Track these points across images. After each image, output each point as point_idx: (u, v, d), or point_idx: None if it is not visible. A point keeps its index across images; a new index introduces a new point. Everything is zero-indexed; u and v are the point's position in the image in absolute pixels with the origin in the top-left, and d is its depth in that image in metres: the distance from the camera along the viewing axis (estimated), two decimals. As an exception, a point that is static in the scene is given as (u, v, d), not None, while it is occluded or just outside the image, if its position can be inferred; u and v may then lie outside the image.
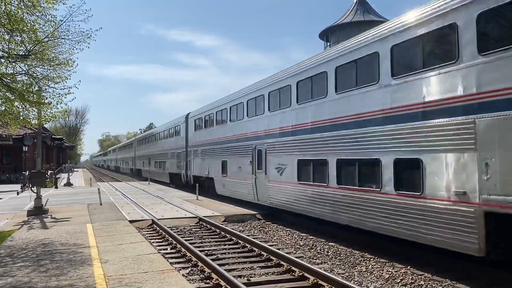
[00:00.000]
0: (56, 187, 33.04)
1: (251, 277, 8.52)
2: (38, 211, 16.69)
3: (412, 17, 9.41)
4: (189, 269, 9.19)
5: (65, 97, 12.26)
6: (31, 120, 13.68)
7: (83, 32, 11.54)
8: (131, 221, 14.79)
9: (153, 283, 7.02)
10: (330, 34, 56.29)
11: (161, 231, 13.77)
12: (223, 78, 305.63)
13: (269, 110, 16.23)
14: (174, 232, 13.22)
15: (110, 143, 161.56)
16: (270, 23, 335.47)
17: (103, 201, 20.44)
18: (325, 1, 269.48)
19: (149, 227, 14.83)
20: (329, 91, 12.33)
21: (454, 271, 8.60)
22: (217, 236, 13.13)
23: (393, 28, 9.92)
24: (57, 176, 39.84)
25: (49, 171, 33.71)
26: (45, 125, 28.61)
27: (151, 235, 13.46)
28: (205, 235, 13.36)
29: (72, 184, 36.11)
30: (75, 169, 66.74)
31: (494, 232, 7.47)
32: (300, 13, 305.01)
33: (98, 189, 22.29)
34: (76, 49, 11.77)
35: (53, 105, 11.60)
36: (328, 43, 56.40)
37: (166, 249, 11.33)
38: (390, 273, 8.79)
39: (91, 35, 11.64)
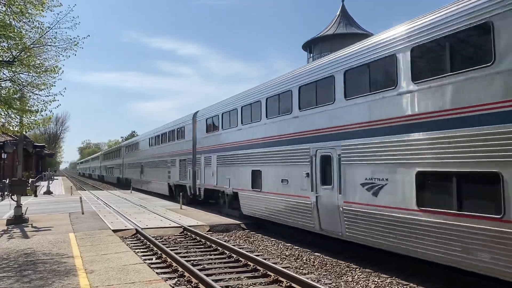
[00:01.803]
0: (36, 196, 32.33)
1: (238, 287, 8.50)
2: (18, 220, 16.32)
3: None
4: (176, 279, 9.12)
5: (50, 104, 12.12)
6: (14, 127, 13.43)
7: (70, 39, 11.43)
8: (114, 231, 14.60)
9: (141, 293, 6.96)
10: (313, 46, 57.02)
11: (145, 240, 13.63)
12: (206, 87, 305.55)
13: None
14: (159, 241, 13.10)
15: (91, 151, 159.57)
16: (253, 34, 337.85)
17: (85, 210, 20.14)
18: (308, 13, 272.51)
19: (133, 236, 14.66)
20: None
21: (438, 281, 8.74)
22: (203, 246, 13.05)
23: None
24: (37, 184, 39.03)
25: (30, 179, 33.07)
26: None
27: (136, 245, 13.30)
28: (190, 245, 13.27)
29: (52, 193, 35.43)
30: (55, 177, 65.46)
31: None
32: (284, 24, 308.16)
33: (80, 197, 21.92)
34: (63, 56, 11.65)
35: (38, 112, 11.43)
36: (312, 55, 57.08)
37: (151, 259, 11.21)
38: (376, 283, 8.88)
39: (78, 43, 11.55)
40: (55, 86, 12.25)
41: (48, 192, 35.13)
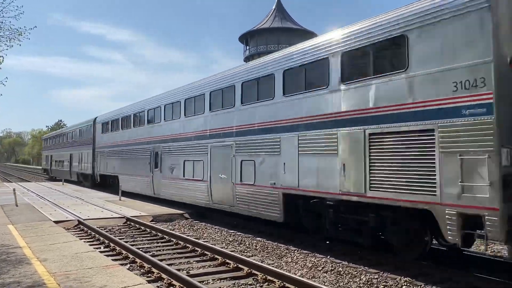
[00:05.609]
0: (-43, 188, 30.41)
1: (189, 270, 9.16)
2: None
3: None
4: (128, 265, 9.55)
5: (-11, 94, 11.84)
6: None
7: (16, 29, 11.20)
8: (56, 222, 14.50)
9: (102, 277, 7.38)
10: (250, 38, 57.99)
11: (89, 231, 13.76)
12: (138, 75, 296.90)
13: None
14: (104, 231, 13.31)
15: (13, 140, 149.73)
16: (189, 21, 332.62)
17: (18, 202, 19.50)
18: (246, 4, 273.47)
19: (76, 227, 14.68)
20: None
21: (367, 259, 9.95)
22: (149, 235, 13.47)
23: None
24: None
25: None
26: None
27: (80, 235, 13.40)
28: (135, 234, 13.63)
29: (-26, 185, 33.43)
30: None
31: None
32: (221, 14, 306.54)
33: (14, 189, 21.16)
34: (6, 45, 11.38)
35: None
36: (248, 47, 58.00)
37: (99, 248, 11.47)
38: (312, 262, 9.94)
39: (22, 33, 11.36)
40: (-6, 75, 11.96)
41: (-29, 185, 33.08)
